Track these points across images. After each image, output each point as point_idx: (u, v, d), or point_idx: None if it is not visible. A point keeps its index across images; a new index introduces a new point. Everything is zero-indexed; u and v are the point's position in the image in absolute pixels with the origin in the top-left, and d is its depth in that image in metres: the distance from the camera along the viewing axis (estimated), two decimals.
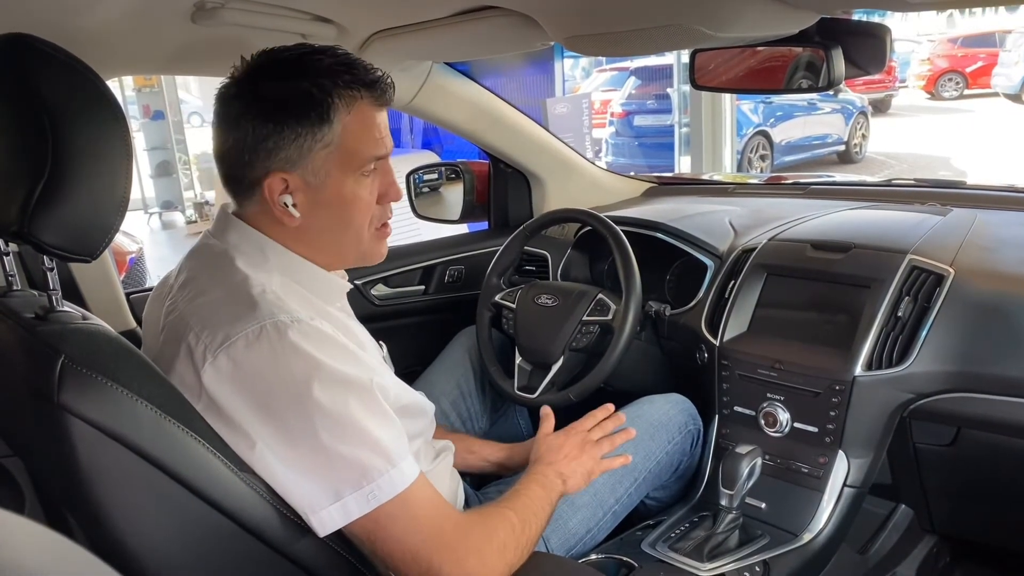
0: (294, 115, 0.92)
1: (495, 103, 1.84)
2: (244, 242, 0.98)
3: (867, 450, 1.30)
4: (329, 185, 0.96)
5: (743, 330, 1.44)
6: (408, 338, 1.85)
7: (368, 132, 0.97)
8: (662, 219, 1.73)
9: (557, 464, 1.16)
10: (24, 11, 1.01)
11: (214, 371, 0.86)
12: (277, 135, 0.92)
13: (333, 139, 0.94)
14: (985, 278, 1.28)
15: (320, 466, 0.86)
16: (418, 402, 1.12)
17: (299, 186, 0.95)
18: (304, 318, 0.89)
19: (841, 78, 1.15)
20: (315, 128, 0.93)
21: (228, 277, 0.94)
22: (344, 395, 0.87)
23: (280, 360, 0.86)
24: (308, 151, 0.94)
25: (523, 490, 1.07)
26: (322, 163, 0.95)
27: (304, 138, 0.93)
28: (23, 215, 0.74)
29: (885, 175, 7.41)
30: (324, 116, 0.93)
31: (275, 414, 0.86)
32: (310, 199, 0.96)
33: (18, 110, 0.77)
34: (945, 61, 14.78)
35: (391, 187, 1.03)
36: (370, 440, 0.87)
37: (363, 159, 0.97)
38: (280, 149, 0.93)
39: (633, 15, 1.08)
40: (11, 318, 0.84)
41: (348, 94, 0.94)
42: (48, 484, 0.97)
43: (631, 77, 9.01)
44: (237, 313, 0.89)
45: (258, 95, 0.93)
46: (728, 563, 1.21)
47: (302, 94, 0.92)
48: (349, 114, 0.94)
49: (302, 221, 0.97)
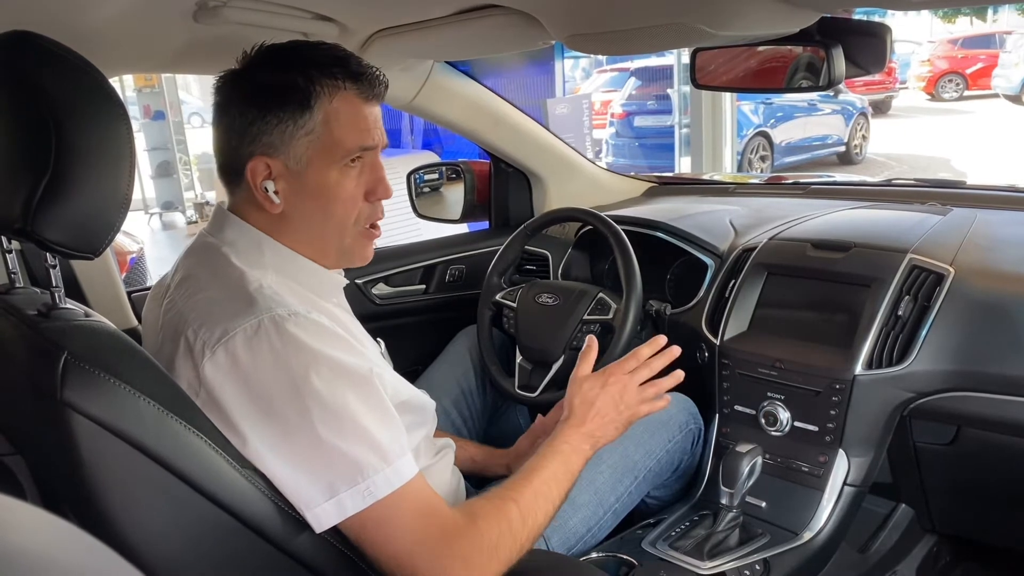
0: (277, 101, 0.94)
1: (496, 103, 1.85)
2: (240, 239, 0.99)
3: (867, 449, 1.31)
4: (310, 173, 0.96)
5: (743, 329, 1.44)
6: (409, 337, 1.86)
7: (352, 122, 0.97)
8: (663, 218, 1.74)
9: (587, 424, 1.09)
10: (27, 9, 1.01)
11: (213, 366, 0.87)
12: (261, 120, 0.94)
13: (315, 127, 0.95)
14: (985, 277, 1.28)
15: (316, 461, 0.86)
16: (418, 397, 1.11)
17: (281, 172, 0.96)
18: (301, 311, 0.90)
19: (841, 78, 1.15)
20: (297, 115, 0.94)
21: (225, 273, 0.95)
22: (343, 386, 0.87)
23: (278, 353, 0.86)
24: (290, 137, 0.95)
25: (537, 470, 1.02)
26: (304, 150, 0.96)
27: (286, 124, 0.94)
28: (26, 212, 0.74)
29: (885, 176, 7.41)
30: (306, 103, 0.94)
31: (273, 408, 0.86)
32: (292, 186, 0.97)
33: (21, 107, 0.77)
34: (945, 62, 14.78)
35: (379, 184, 1.01)
36: (367, 436, 0.87)
37: (345, 149, 0.97)
38: (263, 134, 0.95)
39: (634, 14, 1.09)
40: (14, 315, 0.84)
41: (332, 83, 0.95)
42: (50, 481, 0.97)
43: (631, 78, 9.01)
44: (235, 309, 0.89)
45: (247, 82, 0.96)
46: (728, 562, 1.21)
47: (286, 81, 0.95)
48: (332, 103, 0.95)
49: (284, 209, 0.98)
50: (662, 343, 1.18)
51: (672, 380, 1.16)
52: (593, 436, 1.09)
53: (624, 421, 1.12)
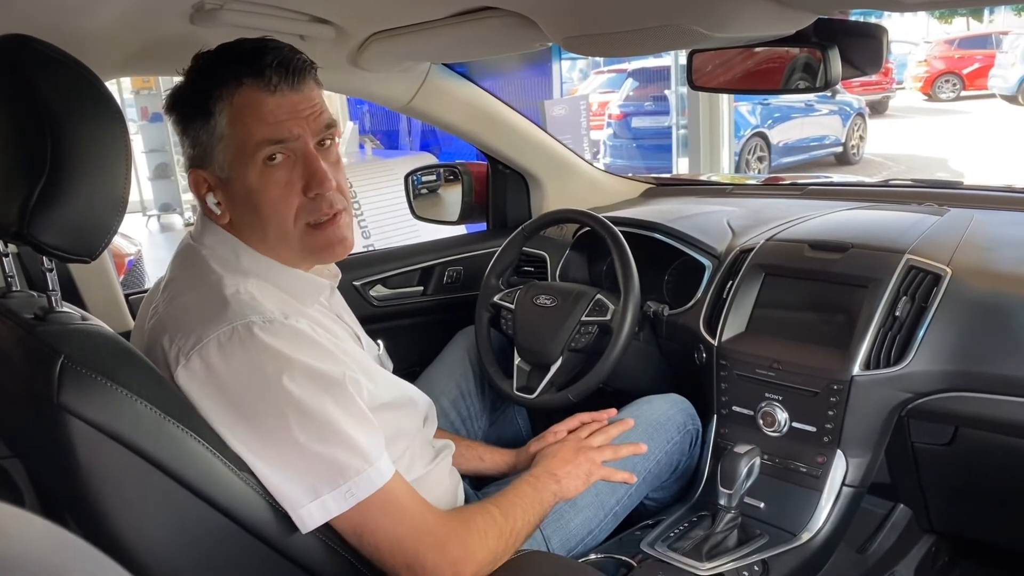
0: (186, 114, 0.95)
1: (493, 104, 1.85)
2: (218, 244, 0.99)
3: (865, 449, 1.31)
4: (235, 178, 0.95)
5: (741, 330, 1.44)
6: (407, 339, 1.85)
7: (255, 118, 0.92)
8: (660, 220, 1.74)
9: (550, 466, 1.20)
10: (23, 12, 1.01)
11: (187, 373, 0.87)
12: (183, 134, 0.96)
13: (223, 131, 0.93)
14: (982, 278, 1.28)
15: (296, 464, 0.86)
16: (406, 395, 1.12)
17: (215, 183, 0.97)
18: (278, 317, 0.90)
19: (838, 78, 1.15)
20: (204, 123, 0.94)
21: (203, 278, 0.95)
22: (318, 392, 0.88)
23: (252, 360, 0.86)
24: (209, 147, 0.95)
25: (510, 489, 1.11)
26: (223, 157, 0.95)
27: (201, 134, 0.94)
28: (22, 216, 0.74)
29: (882, 176, 7.42)
30: (206, 109, 0.93)
31: (249, 414, 0.86)
32: (227, 195, 0.97)
33: (17, 111, 0.77)
34: (942, 63, 14.80)
35: (312, 177, 0.95)
36: (345, 438, 0.88)
37: (253, 145, 0.93)
38: (190, 147, 0.96)
39: (631, 15, 1.09)
40: (10, 319, 0.84)
41: (231, 83, 0.92)
42: (48, 484, 0.97)
43: (629, 79, 9.02)
44: (209, 315, 0.89)
45: (172, 98, 0.97)
46: (727, 562, 1.21)
47: (191, 91, 0.95)
48: (233, 103, 0.93)
49: (230, 218, 0.98)
50: (610, 414, 1.35)
51: (629, 449, 1.28)
52: (555, 475, 1.18)
53: (584, 473, 1.21)
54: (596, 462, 1.24)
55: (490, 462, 1.38)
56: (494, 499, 1.06)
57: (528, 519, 1.06)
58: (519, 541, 1.04)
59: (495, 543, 0.98)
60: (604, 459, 1.25)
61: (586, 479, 1.21)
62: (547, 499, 1.13)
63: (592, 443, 1.27)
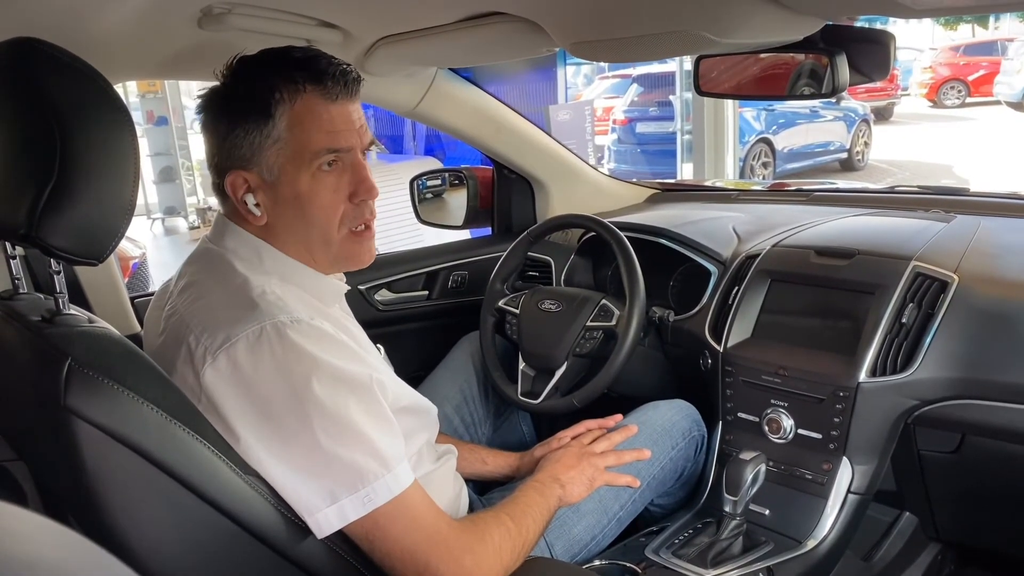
0: (241, 112, 0.94)
1: (499, 109, 1.85)
2: (241, 246, 0.99)
3: (871, 457, 1.30)
4: (284, 182, 0.96)
5: (747, 336, 1.44)
6: (411, 343, 1.85)
7: (316, 125, 0.94)
8: (666, 225, 1.73)
9: (554, 471, 1.20)
10: (32, 15, 1.02)
11: (214, 372, 0.87)
12: (231, 134, 0.94)
13: (280, 134, 0.94)
14: (989, 284, 1.27)
15: (317, 467, 0.86)
16: (419, 402, 1.12)
17: (258, 184, 0.96)
18: (304, 318, 0.90)
19: (845, 85, 1.14)
20: (261, 124, 0.94)
21: (228, 280, 0.95)
22: (344, 394, 0.88)
23: (280, 360, 0.86)
24: (260, 148, 0.94)
25: (519, 496, 1.10)
26: (275, 159, 0.95)
27: (253, 135, 0.94)
28: (31, 218, 0.75)
29: (888, 182, 7.40)
30: (266, 111, 0.93)
31: (274, 414, 0.86)
32: (270, 197, 0.97)
33: (26, 114, 0.78)
34: (947, 69, 14.79)
35: (361, 184, 0.98)
36: (368, 443, 0.87)
37: (312, 153, 0.95)
38: (236, 148, 0.95)
39: (638, 21, 1.09)
40: (18, 321, 0.84)
41: (292, 88, 0.94)
42: (52, 487, 0.97)
43: (633, 84, 9.03)
44: (237, 315, 0.89)
45: (218, 97, 0.97)
46: (732, 569, 1.21)
47: (247, 91, 0.94)
48: (294, 108, 0.94)
49: (268, 220, 0.98)
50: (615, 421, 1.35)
51: (632, 455, 1.28)
52: (559, 480, 1.18)
53: (587, 479, 1.21)
54: (599, 467, 1.23)
55: (493, 466, 1.38)
56: (506, 508, 1.05)
57: (537, 528, 1.06)
58: (529, 550, 1.03)
59: (509, 557, 0.97)
60: (607, 464, 1.25)
61: (589, 484, 1.21)
62: (552, 505, 1.13)
63: (595, 448, 1.27)
